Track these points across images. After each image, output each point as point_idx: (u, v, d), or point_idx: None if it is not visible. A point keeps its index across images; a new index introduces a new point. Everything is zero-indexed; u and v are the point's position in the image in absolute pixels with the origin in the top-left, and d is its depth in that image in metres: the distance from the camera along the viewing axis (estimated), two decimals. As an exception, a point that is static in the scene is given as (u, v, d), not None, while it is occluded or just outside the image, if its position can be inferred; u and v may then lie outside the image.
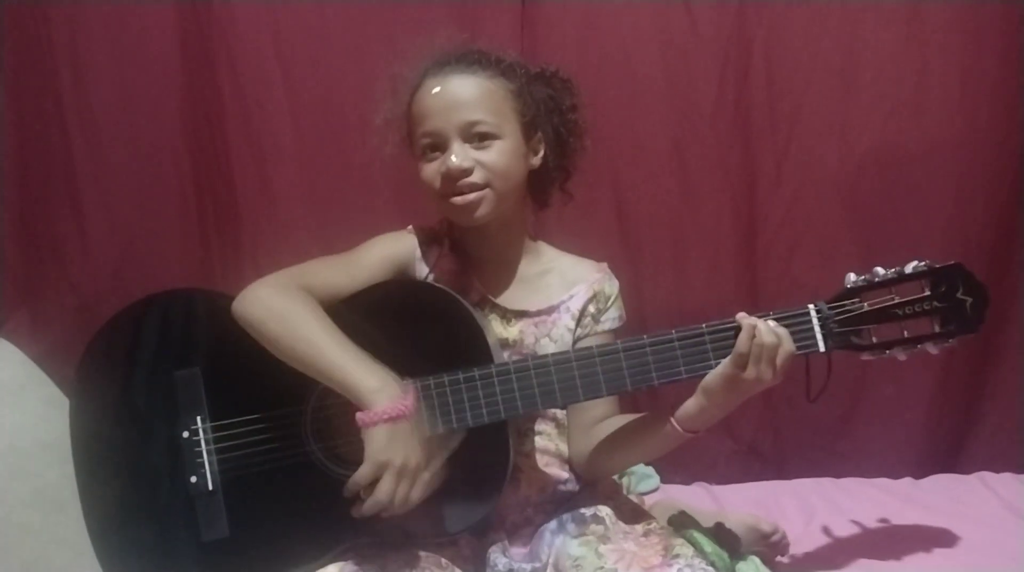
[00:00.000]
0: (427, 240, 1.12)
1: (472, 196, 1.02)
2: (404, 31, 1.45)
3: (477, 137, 1.03)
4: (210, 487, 1.00)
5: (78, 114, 1.46)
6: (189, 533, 1.00)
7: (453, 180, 1.02)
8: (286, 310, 0.96)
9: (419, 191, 1.08)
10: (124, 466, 1.03)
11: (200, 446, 1.01)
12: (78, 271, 1.49)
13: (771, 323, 0.94)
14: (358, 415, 0.89)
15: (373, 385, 0.90)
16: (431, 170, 1.04)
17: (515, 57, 1.10)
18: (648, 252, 1.55)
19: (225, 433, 1.01)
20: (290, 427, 1.00)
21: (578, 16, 1.49)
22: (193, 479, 1.00)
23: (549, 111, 1.10)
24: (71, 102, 1.46)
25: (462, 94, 1.03)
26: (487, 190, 1.03)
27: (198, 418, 1.01)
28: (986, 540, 1.21)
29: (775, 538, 1.20)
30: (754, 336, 0.92)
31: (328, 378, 0.92)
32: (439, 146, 1.03)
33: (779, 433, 1.59)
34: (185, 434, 1.01)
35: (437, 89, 1.04)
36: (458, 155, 1.01)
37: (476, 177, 1.02)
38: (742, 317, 0.95)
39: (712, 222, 1.54)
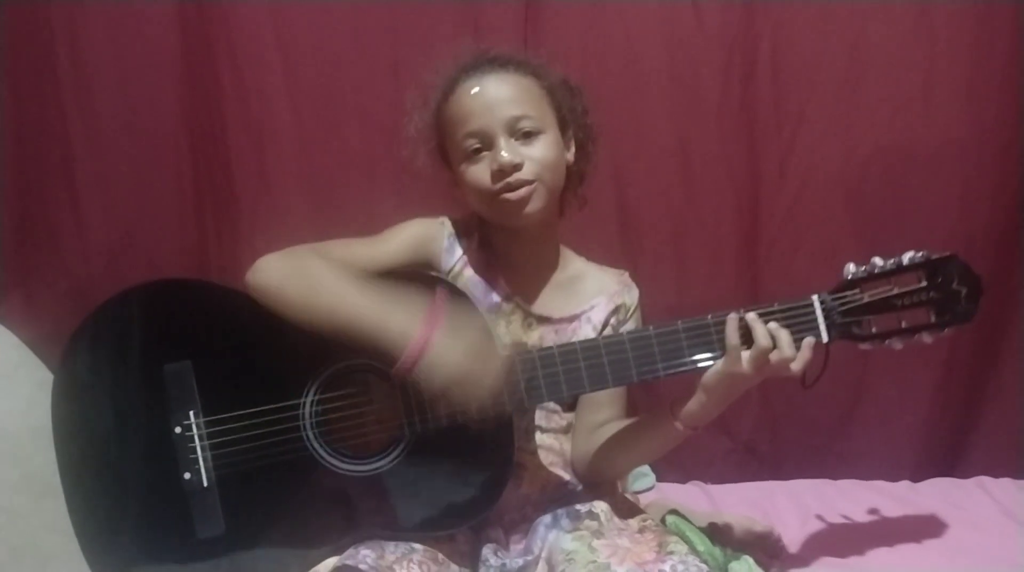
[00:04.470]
0: (457, 233, 1.11)
1: (523, 191, 1.02)
2: (405, 20, 1.45)
3: (522, 134, 1.03)
4: (205, 483, 0.97)
5: (76, 98, 1.45)
6: (183, 531, 0.97)
7: (505, 175, 1.02)
8: (303, 270, 0.95)
9: (441, 191, 1.09)
10: (112, 464, 0.99)
11: (193, 441, 0.98)
12: (73, 255, 1.48)
13: (772, 325, 0.94)
14: (393, 371, 0.89)
15: (394, 334, 0.88)
16: (479, 170, 1.03)
17: (538, 61, 1.11)
18: (650, 249, 1.54)
19: (219, 428, 0.98)
20: (288, 421, 0.98)
21: (582, 11, 1.47)
22: (187, 475, 0.97)
23: (568, 114, 1.10)
24: (69, 86, 1.45)
25: (503, 91, 1.03)
26: (537, 184, 1.03)
27: (191, 412, 0.98)
28: (983, 545, 1.20)
29: (769, 539, 1.20)
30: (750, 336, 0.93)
31: (353, 335, 0.90)
32: (485, 146, 1.03)
33: (776, 433, 1.58)
34: (177, 429, 0.98)
35: (476, 89, 1.03)
36: (508, 150, 1.01)
37: (527, 172, 1.02)
38: (731, 317, 0.95)
39: (715, 220, 1.53)
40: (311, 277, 0.95)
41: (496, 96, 1.03)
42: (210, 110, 1.48)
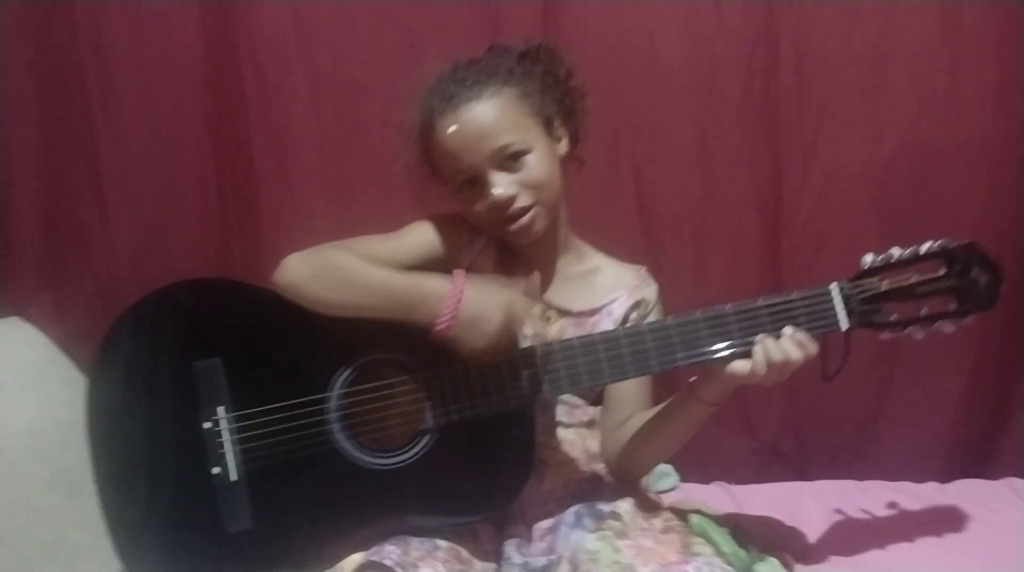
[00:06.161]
0: (475, 229, 1.11)
1: (525, 219, 1.03)
2: (425, 22, 1.46)
3: (510, 159, 1.02)
4: (233, 478, 0.99)
5: (101, 102, 1.47)
6: (211, 526, 0.98)
7: (502, 210, 1.02)
8: (330, 262, 0.98)
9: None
10: (143, 458, 1.01)
11: (222, 436, 0.99)
12: (99, 257, 1.49)
13: (787, 331, 0.94)
14: (433, 334, 0.91)
15: (429, 296, 0.91)
16: (475, 203, 1.04)
17: (498, 50, 1.09)
18: (671, 247, 1.53)
19: (247, 423, 0.99)
20: (314, 414, 0.99)
21: (602, 8, 1.47)
22: (215, 470, 0.99)
23: (549, 86, 1.08)
24: (95, 89, 1.46)
25: (480, 124, 1.02)
26: (537, 206, 1.04)
27: (220, 408, 1.00)
28: (1013, 547, 1.18)
29: (794, 540, 1.19)
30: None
31: (384, 311, 0.93)
32: (475, 180, 1.03)
33: (801, 433, 1.57)
34: (207, 425, 1.00)
35: (453, 128, 1.02)
36: (499, 186, 1.01)
37: (523, 200, 1.03)
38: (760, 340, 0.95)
39: (736, 218, 1.52)
40: (339, 266, 0.97)
41: (475, 130, 1.02)
42: (233, 113, 1.49)
